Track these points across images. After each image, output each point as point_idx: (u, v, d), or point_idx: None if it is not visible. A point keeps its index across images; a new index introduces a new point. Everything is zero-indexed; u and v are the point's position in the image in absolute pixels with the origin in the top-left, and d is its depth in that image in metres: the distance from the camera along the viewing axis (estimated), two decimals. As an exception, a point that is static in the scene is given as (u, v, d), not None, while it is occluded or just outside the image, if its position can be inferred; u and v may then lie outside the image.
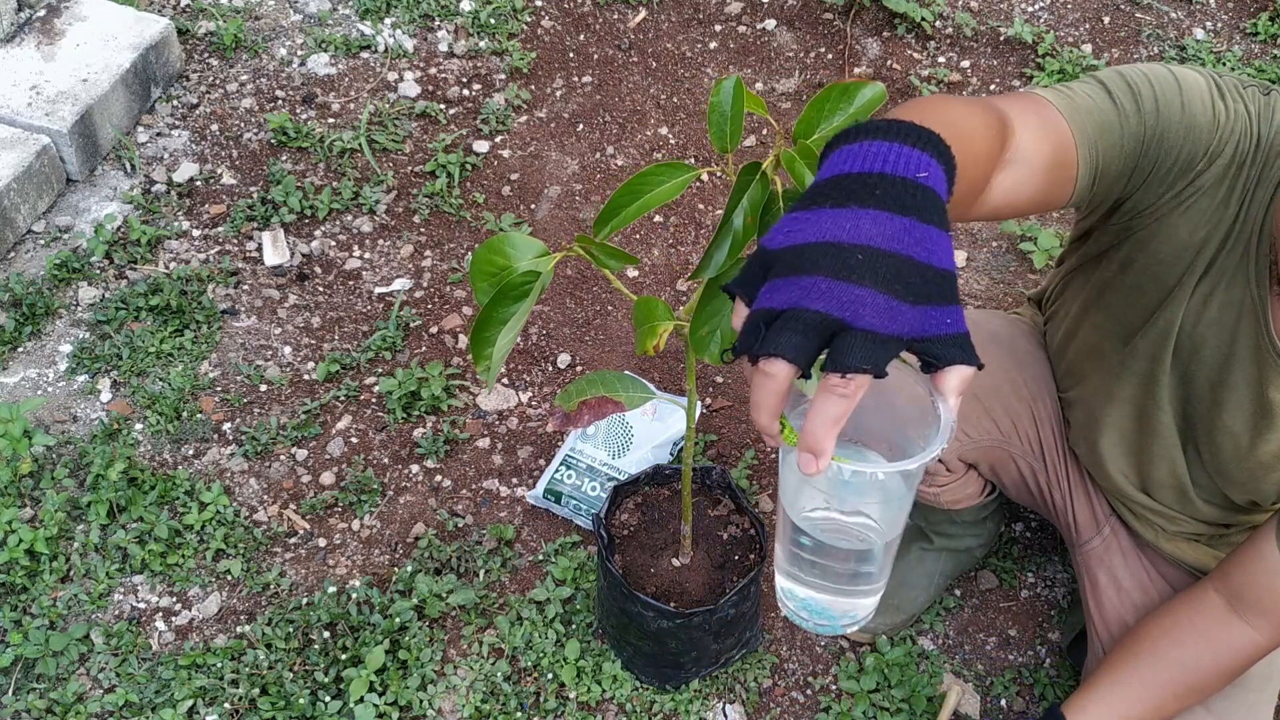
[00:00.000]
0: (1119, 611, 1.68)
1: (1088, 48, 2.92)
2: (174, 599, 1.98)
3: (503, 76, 2.80)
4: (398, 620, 1.91)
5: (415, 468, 2.16)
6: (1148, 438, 1.56)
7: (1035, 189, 1.19)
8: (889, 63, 2.88)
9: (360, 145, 2.62)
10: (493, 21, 2.90)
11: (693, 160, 2.67)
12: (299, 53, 2.81)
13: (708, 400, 2.28)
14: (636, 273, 2.48)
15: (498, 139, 2.69)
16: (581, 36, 2.91)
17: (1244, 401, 1.40)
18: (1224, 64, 2.88)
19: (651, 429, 2.15)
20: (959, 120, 1.00)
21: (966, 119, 1.03)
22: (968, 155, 0.92)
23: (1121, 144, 1.24)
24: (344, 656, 1.87)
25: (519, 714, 1.85)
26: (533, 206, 2.57)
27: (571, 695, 1.88)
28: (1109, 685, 1.46)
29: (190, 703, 1.84)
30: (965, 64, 2.89)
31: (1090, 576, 1.74)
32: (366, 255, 2.46)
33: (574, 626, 1.94)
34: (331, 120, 2.69)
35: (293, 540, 2.06)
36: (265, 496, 2.11)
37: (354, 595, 1.95)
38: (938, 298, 0.73)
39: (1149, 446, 1.56)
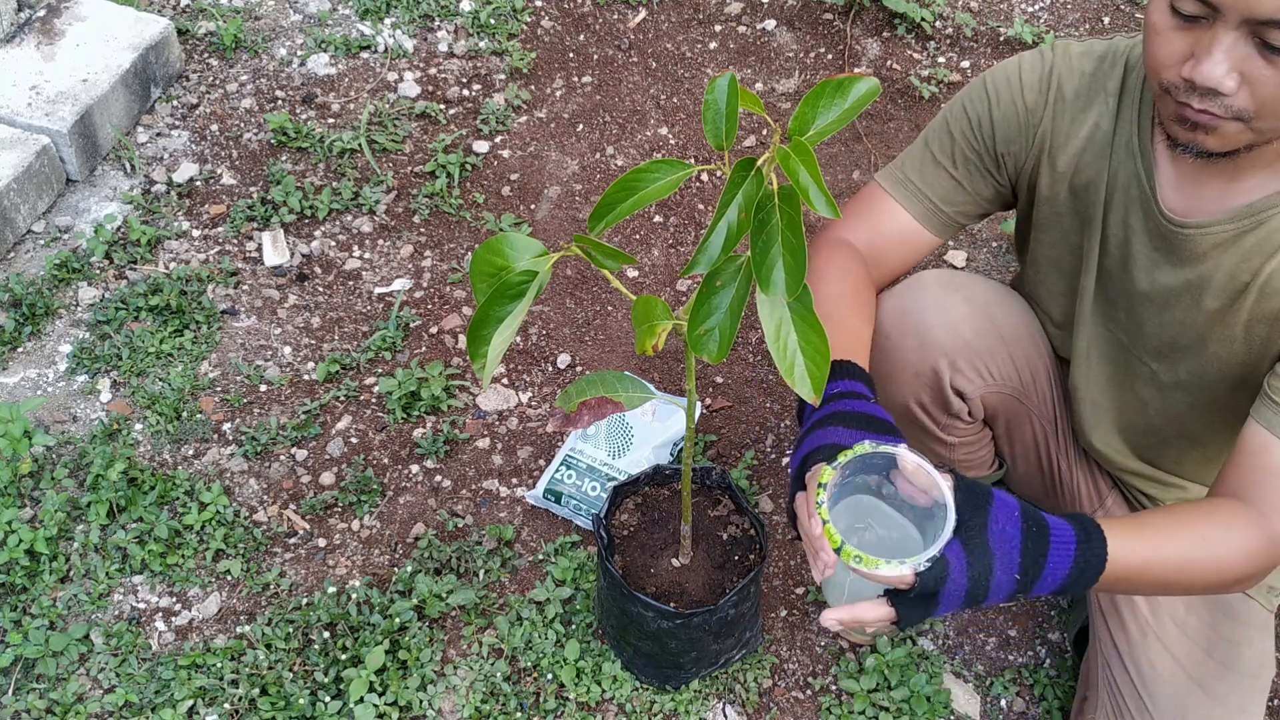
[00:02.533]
0: None
1: (1088, 47, 2.92)
2: (174, 599, 1.98)
3: (503, 76, 2.80)
4: (398, 620, 1.91)
5: (415, 468, 2.16)
6: (1125, 390, 1.60)
7: (900, 259, 1.62)
8: (889, 63, 2.88)
9: (360, 145, 2.62)
10: (493, 21, 2.90)
11: (693, 160, 2.67)
12: (299, 53, 2.82)
13: (707, 400, 2.27)
14: (636, 273, 2.47)
15: (498, 139, 2.69)
16: (581, 36, 2.91)
17: (1180, 290, 1.45)
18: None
19: (651, 429, 2.15)
20: (837, 305, 1.50)
21: (838, 296, 1.52)
22: (855, 320, 1.51)
23: (951, 174, 1.57)
24: (344, 657, 1.87)
25: (519, 714, 1.85)
26: (533, 207, 2.57)
27: (571, 695, 1.87)
28: (1147, 527, 1.33)
29: (190, 703, 1.84)
30: (965, 64, 2.88)
31: None
32: (366, 255, 2.46)
33: (574, 627, 1.94)
34: (331, 120, 2.69)
35: (292, 540, 2.06)
36: (265, 497, 2.10)
37: (354, 595, 1.95)
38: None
39: (1128, 397, 1.60)
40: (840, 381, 1.38)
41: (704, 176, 2.64)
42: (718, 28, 2.95)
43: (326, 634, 1.91)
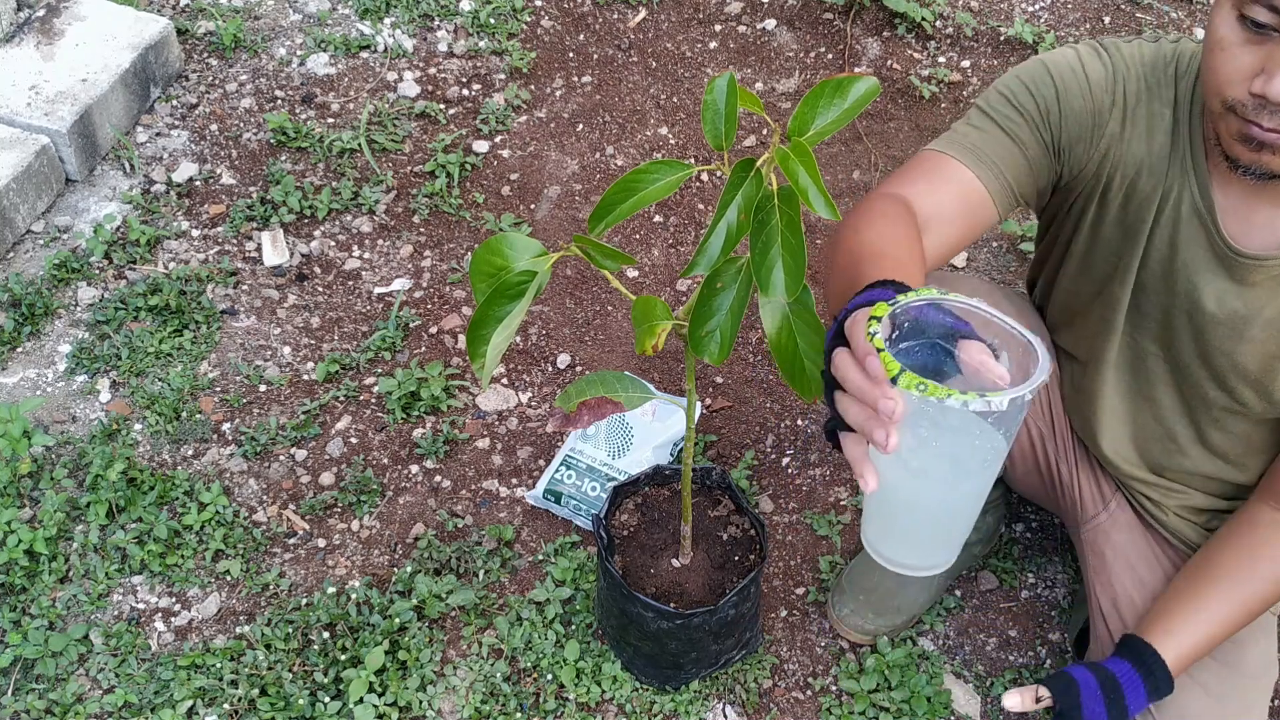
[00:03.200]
0: (1125, 588, 1.68)
1: (1089, 47, 2.91)
2: (173, 599, 1.98)
3: (502, 76, 2.80)
4: (397, 621, 1.91)
5: (415, 468, 2.16)
6: (1143, 398, 1.59)
7: (959, 231, 1.42)
8: (889, 63, 2.87)
9: (360, 145, 2.62)
10: (492, 21, 2.90)
11: (693, 160, 2.67)
12: (298, 53, 2.81)
13: (707, 401, 2.27)
14: (636, 273, 2.47)
15: (497, 139, 2.69)
16: (581, 36, 2.91)
17: (1222, 317, 1.43)
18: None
19: (651, 429, 2.15)
20: (889, 244, 1.26)
21: (892, 238, 1.29)
22: (908, 263, 1.23)
23: (1023, 151, 1.42)
24: (343, 657, 1.87)
25: (518, 715, 1.85)
26: (532, 206, 2.57)
27: (571, 696, 1.87)
28: (1191, 610, 1.49)
29: (189, 703, 1.84)
30: (965, 64, 2.88)
31: (1095, 552, 1.73)
32: (366, 255, 2.46)
33: (574, 627, 1.94)
34: (331, 120, 2.69)
35: (292, 541, 2.06)
36: (264, 497, 2.10)
37: (353, 596, 1.95)
38: None
39: (1145, 405, 1.60)
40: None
41: (704, 176, 2.64)
42: (718, 27, 2.95)
43: (326, 634, 1.91)
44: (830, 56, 2.89)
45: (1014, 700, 1.45)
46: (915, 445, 0.92)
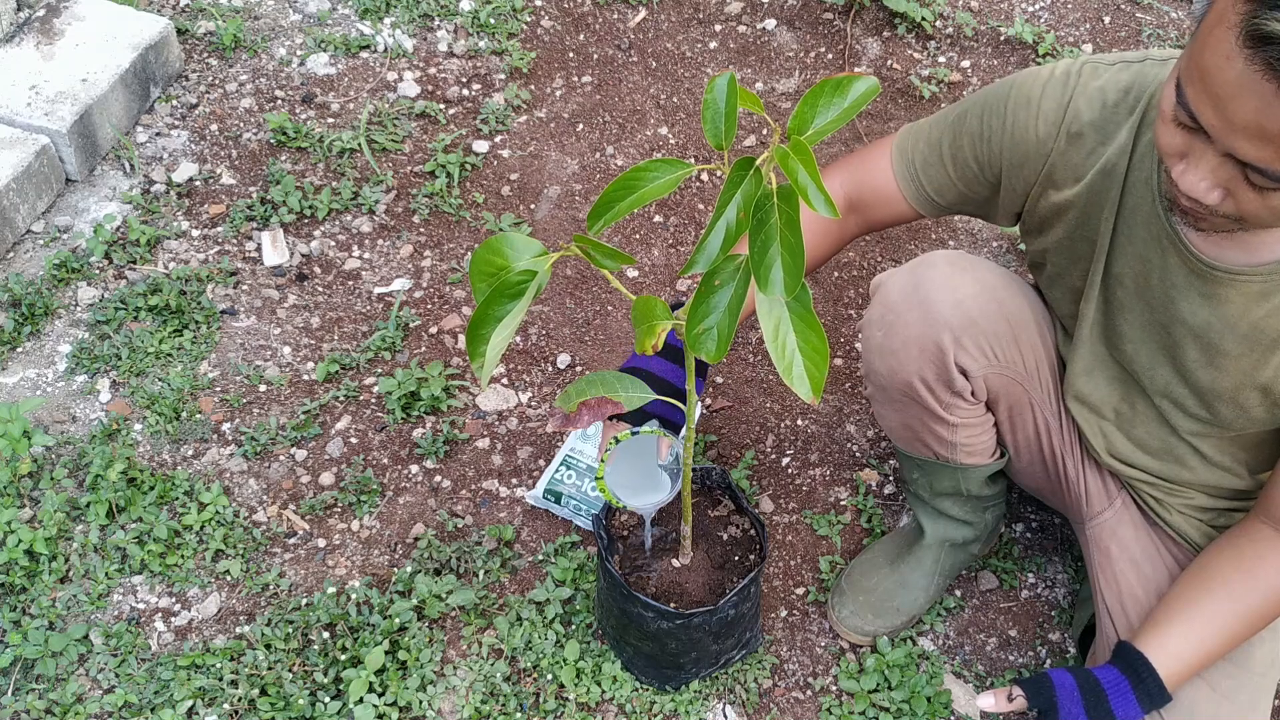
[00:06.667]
0: (1131, 585, 1.68)
1: (1088, 47, 2.92)
2: (173, 599, 1.98)
3: (502, 76, 2.80)
4: (397, 621, 1.91)
5: (415, 468, 2.16)
6: (1133, 411, 1.61)
7: (883, 219, 1.72)
8: (889, 62, 2.87)
9: (360, 145, 2.62)
10: (492, 21, 2.90)
11: (693, 160, 2.67)
12: (298, 52, 2.81)
13: (708, 401, 2.27)
14: (636, 273, 2.47)
15: (497, 139, 2.69)
16: (581, 36, 2.91)
17: (1198, 331, 1.44)
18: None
19: (651, 429, 2.15)
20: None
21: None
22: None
23: (950, 173, 1.61)
24: (343, 657, 1.87)
25: (518, 715, 1.85)
26: (532, 206, 2.57)
27: (571, 696, 1.87)
28: (1186, 619, 1.50)
29: (189, 703, 1.84)
30: (965, 64, 2.88)
31: (1101, 549, 1.74)
32: (366, 255, 2.46)
33: (574, 627, 1.94)
34: (331, 120, 2.69)
35: (292, 541, 2.06)
36: (264, 497, 2.10)
37: (353, 596, 1.94)
38: None
39: (1133, 418, 1.61)
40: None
41: (704, 176, 2.64)
42: (718, 27, 2.95)
43: (326, 634, 1.90)
44: (830, 56, 2.89)
45: (988, 701, 1.54)
46: None
